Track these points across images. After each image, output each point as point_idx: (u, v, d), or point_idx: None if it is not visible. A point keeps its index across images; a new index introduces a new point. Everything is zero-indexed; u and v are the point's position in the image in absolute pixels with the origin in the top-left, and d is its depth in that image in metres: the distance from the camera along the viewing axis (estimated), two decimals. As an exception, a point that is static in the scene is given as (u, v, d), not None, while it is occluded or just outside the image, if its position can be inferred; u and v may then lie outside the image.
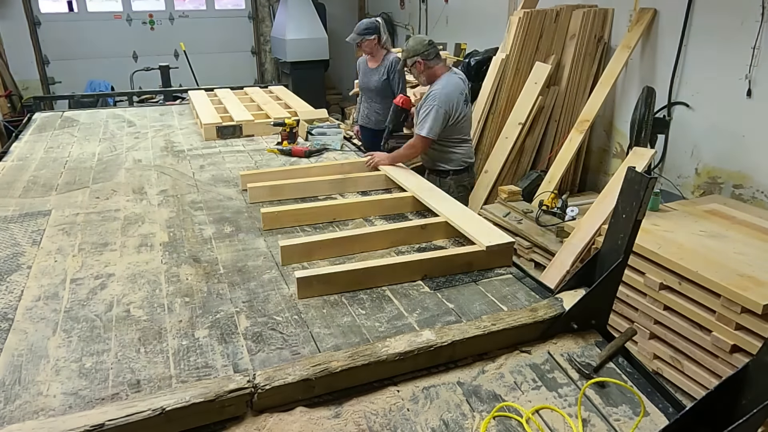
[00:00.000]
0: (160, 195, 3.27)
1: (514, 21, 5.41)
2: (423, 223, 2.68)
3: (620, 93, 5.27)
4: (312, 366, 1.69)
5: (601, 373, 1.83)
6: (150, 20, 9.68)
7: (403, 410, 1.67)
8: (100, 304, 2.15)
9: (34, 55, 9.10)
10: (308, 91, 7.74)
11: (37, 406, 1.63)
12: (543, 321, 1.97)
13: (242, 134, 4.52)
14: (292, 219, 2.82)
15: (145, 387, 1.71)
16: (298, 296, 2.17)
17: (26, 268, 2.43)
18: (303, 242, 2.49)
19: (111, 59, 9.41)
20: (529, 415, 1.64)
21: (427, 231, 2.66)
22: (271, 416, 1.62)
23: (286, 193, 3.16)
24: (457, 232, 2.64)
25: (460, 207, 2.83)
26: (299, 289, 2.17)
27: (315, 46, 9.19)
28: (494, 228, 2.54)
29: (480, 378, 1.81)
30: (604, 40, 5.31)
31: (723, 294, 2.79)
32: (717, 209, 3.70)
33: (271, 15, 10.20)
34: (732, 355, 2.80)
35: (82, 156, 4.06)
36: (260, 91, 5.88)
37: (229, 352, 1.87)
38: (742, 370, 1.49)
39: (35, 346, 1.90)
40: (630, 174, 1.90)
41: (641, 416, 1.66)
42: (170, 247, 2.62)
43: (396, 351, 1.76)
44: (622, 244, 1.93)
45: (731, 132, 4.24)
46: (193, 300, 2.18)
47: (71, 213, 3.01)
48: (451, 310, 2.13)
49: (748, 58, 4.01)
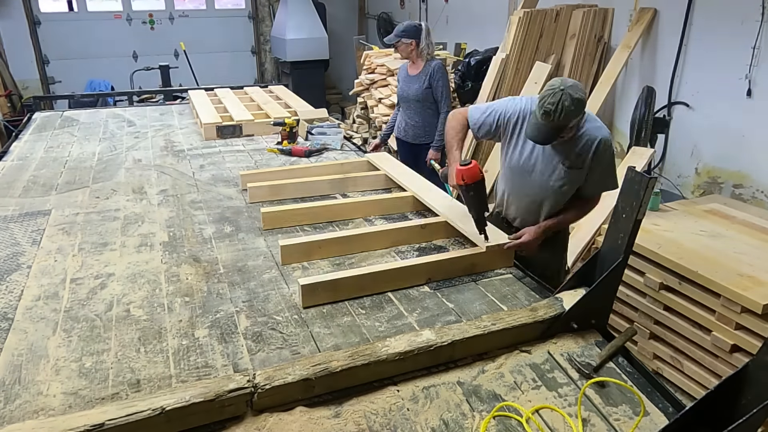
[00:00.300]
0: (160, 195, 3.27)
1: (514, 21, 5.41)
2: (423, 223, 2.67)
3: (620, 93, 5.27)
4: (312, 366, 1.69)
5: (601, 373, 1.83)
6: (150, 20, 9.68)
7: (403, 410, 1.67)
8: (100, 304, 2.15)
9: (34, 55, 9.10)
10: (308, 90, 7.74)
11: (37, 406, 1.63)
12: (543, 321, 1.97)
13: (242, 134, 4.52)
14: (292, 219, 2.81)
15: (145, 387, 1.71)
16: (303, 305, 2.12)
17: (26, 267, 2.43)
18: (303, 242, 2.49)
19: (111, 59, 9.41)
20: (529, 415, 1.64)
21: (427, 231, 2.66)
22: (271, 416, 1.62)
23: (286, 192, 3.15)
24: (457, 232, 2.65)
25: (461, 207, 2.81)
26: (304, 298, 2.12)
27: (315, 46, 9.19)
28: (495, 229, 2.53)
29: (480, 378, 1.81)
30: (604, 39, 5.30)
31: (723, 294, 2.79)
32: (717, 209, 3.70)
33: (271, 15, 10.20)
34: (732, 354, 2.79)
35: (82, 156, 4.06)
36: (260, 90, 5.88)
37: (229, 352, 1.87)
38: (742, 370, 1.49)
39: (35, 345, 1.90)
40: (630, 174, 1.90)
41: (641, 416, 1.66)
42: (170, 247, 2.62)
43: (396, 351, 1.76)
44: (622, 243, 1.93)
45: (731, 132, 4.24)
46: (193, 300, 2.18)
47: (71, 213, 3.01)
48: (451, 310, 2.13)
49: (748, 57, 4.01)
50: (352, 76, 7.64)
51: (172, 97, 6.73)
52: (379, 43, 9.40)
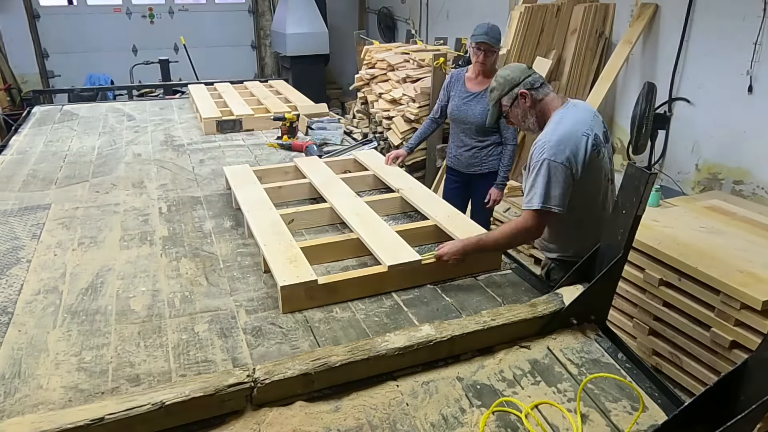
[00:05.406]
0: (160, 189, 3.27)
1: (515, 16, 5.40)
2: (415, 227, 2.61)
3: (621, 88, 5.26)
4: (311, 360, 1.69)
5: (601, 369, 1.84)
6: (150, 14, 9.64)
7: (402, 405, 1.67)
8: (100, 298, 2.15)
9: (34, 49, 9.07)
10: (308, 85, 7.72)
11: (36, 400, 1.63)
12: (542, 316, 1.97)
13: (242, 128, 4.51)
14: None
15: (144, 381, 1.71)
16: (283, 310, 2.07)
17: (26, 261, 2.43)
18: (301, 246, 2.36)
19: (110, 53, 9.38)
20: (528, 410, 1.64)
21: (421, 234, 2.58)
22: (270, 410, 1.62)
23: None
24: (447, 236, 2.54)
25: (449, 209, 2.74)
26: (294, 301, 2.06)
27: (315, 41, 9.16)
28: (482, 230, 2.45)
29: (479, 373, 1.81)
30: (605, 35, 5.29)
31: (722, 290, 2.78)
32: (717, 205, 3.70)
33: (271, 9, 10.17)
34: (731, 351, 2.80)
35: (82, 150, 4.05)
36: (260, 85, 5.87)
37: (228, 347, 1.87)
38: (741, 366, 1.49)
39: (35, 339, 1.91)
40: (630, 169, 1.89)
41: (640, 412, 1.66)
42: (170, 242, 2.61)
43: (395, 346, 1.76)
44: (621, 239, 1.93)
45: (732, 128, 4.23)
46: (192, 294, 2.18)
47: (71, 207, 3.01)
48: (451, 305, 2.13)
49: (750, 53, 4.00)
50: (353, 71, 7.61)
51: (171, 91, 6.72)
52: (380, 38, 9.39)
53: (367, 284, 2.18)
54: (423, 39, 8.23)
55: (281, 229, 2.46)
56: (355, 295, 2.15)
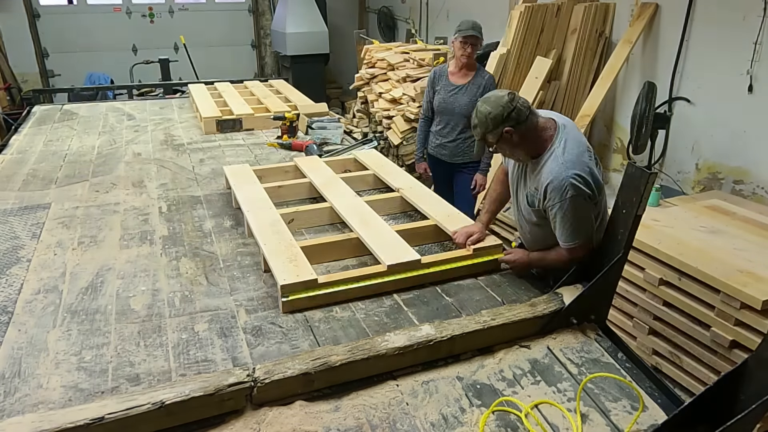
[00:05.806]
0: (160, 188, 3.27)
1: (515, 15, 5.39)
2: (415, 226, 2.62)
3: (621, 88, 5.25)
4: (311, 360, 1.69)
5: (601, 368, 1.83)
6: (150, 13, 9.64)
7: (402, 404, 1.67)
8: (100, 298, 2.15)
9: (34, 48, 9.06)
10: (308, 85, 7.72)
11: (36, 399, 1.63)
12: (542, 316, 1.97)
13: (242, 128, 4.51)
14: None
15: (144, 380, 1.71)
16: (283, 310, 2.07)
17: (26, 261, 2.43)
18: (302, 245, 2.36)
19: (110, 52, 9.38)
20: (528, 410, 1.65)
21: (421, 233, 2.59)
22: (270, 410, 1.62)
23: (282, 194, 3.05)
24: (447, 236, 2.55)
25: (449, 208, 2.74)
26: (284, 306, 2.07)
27: (315, 40, 9.16)
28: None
29: (479, 372, 1.81)
30: (605, 34, 5.29)
31: (722, 290, 2.78)
32: (717, 205, 3.70)
33: (271, 8, 10.16)
34: (731, 350, 2.79)
35: (82, 149, 4.05)
36: (260, 84, 5.86)
37: (228, 346, 1.87)
38: (742, 366, 1.49)
39: (35, 339, 1.91)
40: (630, 169, 1.90)
41: (640, 411, 1.66)
42: (170, 241, 2.61)
43: (395, 345, 1.76)
44: (621, 239, 1.93)
45: (732, 127, 4.23)
46: (192, 293, 2.18)
47: (71, 206, 3.01)
48: (451, 305, 2.13)
49: (750, 53, 3.99)
50: (353, 70, 7.61)
51: (171, 90, 6.72)
52: (380, 37, 9.38)
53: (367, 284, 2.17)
54: (423, 38, 8.23)
55: (281, 229, 2.46)
56: (355, 295, 2.15)
